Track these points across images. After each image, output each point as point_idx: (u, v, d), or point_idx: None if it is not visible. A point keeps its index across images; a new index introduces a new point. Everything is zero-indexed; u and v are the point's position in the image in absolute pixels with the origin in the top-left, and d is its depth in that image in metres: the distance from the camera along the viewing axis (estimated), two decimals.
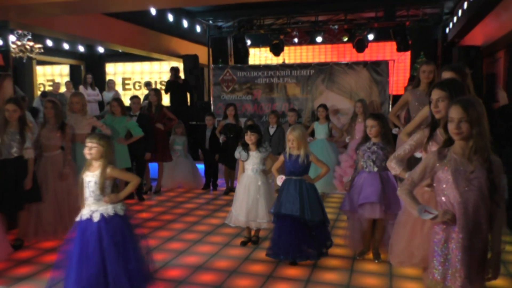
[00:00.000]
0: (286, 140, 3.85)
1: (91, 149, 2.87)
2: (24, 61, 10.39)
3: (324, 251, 3.80)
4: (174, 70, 9.43)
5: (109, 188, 2.91)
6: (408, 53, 10.89)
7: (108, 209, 2.85)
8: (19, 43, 9.88)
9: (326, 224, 3.83)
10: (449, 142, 2.28)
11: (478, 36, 9.26)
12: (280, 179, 3.87)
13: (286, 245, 3.65)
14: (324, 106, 6.62)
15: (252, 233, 4.36)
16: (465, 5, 8.28)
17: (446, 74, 3.11)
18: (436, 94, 2.56)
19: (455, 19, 9.61)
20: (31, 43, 10.13)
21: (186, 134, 7.19)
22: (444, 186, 2.26)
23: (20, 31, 9.78)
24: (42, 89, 14.62)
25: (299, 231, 3.66)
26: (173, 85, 9.36)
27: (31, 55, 10.30)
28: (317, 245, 3.75)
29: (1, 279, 3.50)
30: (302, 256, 3.70)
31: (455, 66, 3.22)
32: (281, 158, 3.94)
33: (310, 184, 3.80)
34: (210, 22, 11.42)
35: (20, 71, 11.24)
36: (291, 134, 3.77)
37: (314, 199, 3.75)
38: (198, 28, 11.29)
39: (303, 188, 3.74)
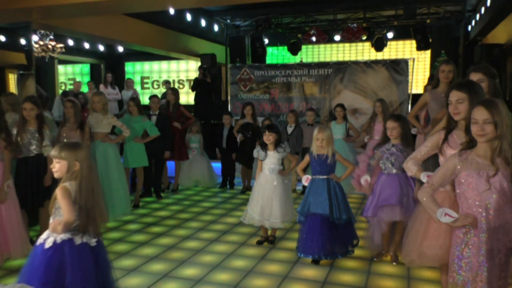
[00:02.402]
0: (313, 139, 3.82)
1: (54, 166, 2.41)
2: (47, 60, 10.60)
3: (350, 249, 3.82)
4: (203, 69, 9.68)
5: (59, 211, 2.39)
6: (429, 52, 10.69)
7: (59, 235, 2.36)
8: (41, 43, 10.09)
9: (352, 222, 3.84)
10: (471, 144, 2.23)
11: (501, 34, 9.03)
12: (305, 179, 3.87)
13: (316, 243, 3.66)
14: (341, 105, 6.57)
15: (269, 232, 4.36)
16: (489, 2, 8.08)
17: (475, 76, 2.96)
18: (455, 95, 2.48)
19: (477, 16, 9.38)
20: (53, 43, 10.34)
21: (202, 133, 7.23)
22: (465, 188, 2.21)
23: (42, 31, 9.99)
24: (63, 88, 14.91)
25: (327, 229, 3.67)
26: (200, 83, 9.52)
27: (53, 55, 10.50)
28: (344, 243, 3.77)
29: None
30: (329, 254, 3.69)
31: (484, 66, 3.04)
32: (307, 158, 3.93)
33: (336, 183, 3.81)
34: (228, 21, 11.43)
35: (43, 70, 11.46)
36: (321, 133, 3.75)
37: (342, 198, 3.77)
38: (216, 27, 11.32)
39: (330, 187, 3.75)
